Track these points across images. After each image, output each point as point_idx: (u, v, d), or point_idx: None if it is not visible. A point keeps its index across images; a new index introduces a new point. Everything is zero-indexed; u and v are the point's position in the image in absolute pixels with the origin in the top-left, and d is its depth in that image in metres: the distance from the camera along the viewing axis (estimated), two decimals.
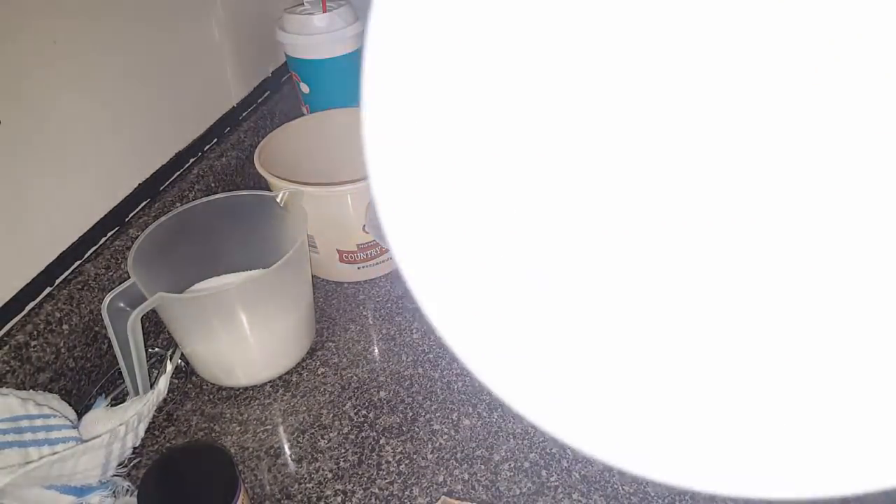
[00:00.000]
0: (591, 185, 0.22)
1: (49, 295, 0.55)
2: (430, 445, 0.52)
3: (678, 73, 0.21)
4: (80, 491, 0.47)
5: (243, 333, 0.55)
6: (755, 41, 0.20)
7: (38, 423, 0.48)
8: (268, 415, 0.56)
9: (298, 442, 0.53)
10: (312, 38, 0.76)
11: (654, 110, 0.21)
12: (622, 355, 0.23)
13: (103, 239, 0.61)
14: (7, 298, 0.52)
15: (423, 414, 0.54)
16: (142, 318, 0.50)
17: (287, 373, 0.59)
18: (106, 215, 0.61)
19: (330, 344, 0.62)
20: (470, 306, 0.23)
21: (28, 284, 0.54)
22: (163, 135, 0.69)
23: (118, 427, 0.48)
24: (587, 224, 0.22)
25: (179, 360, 0.61)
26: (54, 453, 0.44)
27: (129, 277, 0.51)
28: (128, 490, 0.49)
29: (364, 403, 0.56)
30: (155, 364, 0.61)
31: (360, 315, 0.65)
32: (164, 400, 0.57)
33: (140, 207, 0.66)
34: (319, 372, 0.59)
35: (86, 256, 0.59)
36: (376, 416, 0.55)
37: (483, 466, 0.50)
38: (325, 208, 0.63)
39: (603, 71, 0.21)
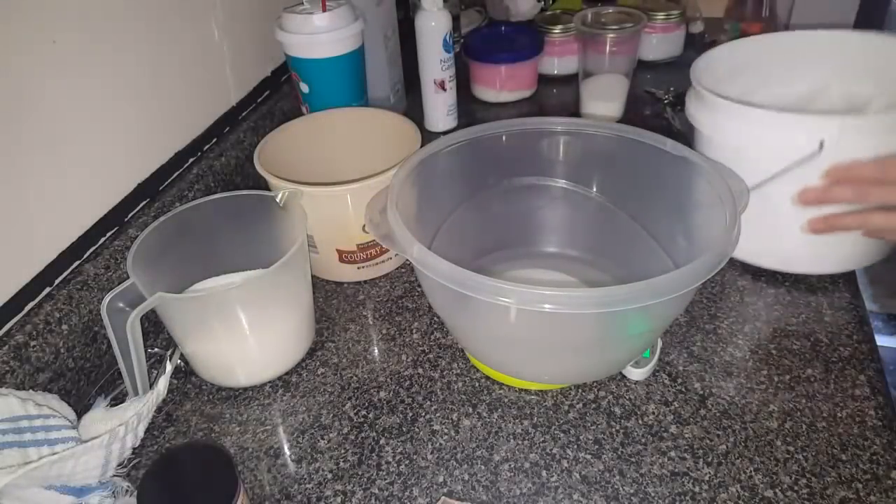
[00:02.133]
0: None
1: (48, 295, 0.55)
2: (430, 446, 0.52)
3: None
4: (80, 491, 0.47)
5: (243, 333, 0.55)
6: None
7: (38, 423, 0.48)
8: (267, 415, 0.55)
9: (298, 442, 0.53)
10: (312, 38, 0.76)
11: None
12: None
13: (103, 239, 0.61)
14: (6, 298, 0.52)
15: (423, 414, 0.54)
16: (141, 318, 0.50)
17: (287, 373, 0.59)
18: (105, 215, 0.61)
19: (330, 344, 0.62)
20: None
21: (27, 284, 0.54)
22: (162, 134, 0.69)
23: (117, 427, 0.47)
24: None
25: (179, 361, 0.61)
26: (54, 454, 0.44)
27: (128, 277, 0.51)
28: (127, 490, 0.49)
29: (364, 403, 0.56)
30: (154, 364, 0.61)
31: (360, 315, 0.65)
32: (164, 400, 0.57)
33: (139, 207, 0.65)
34: (319, 372, 0.59)
35: (85, 256, 0.59)
36: (376, 416, 0.55)
37: (483, 467, 0.50)
38: (325, 208, 0.63)
39: None
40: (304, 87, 0.81)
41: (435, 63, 0.87)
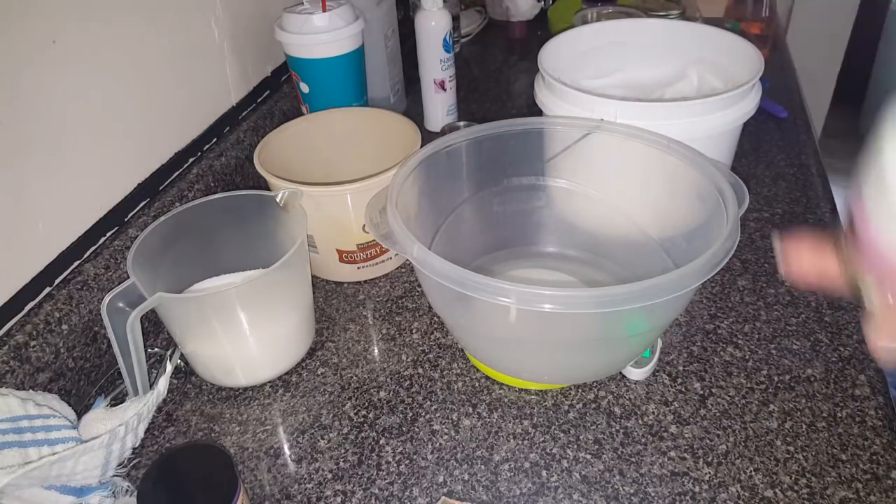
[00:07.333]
0: None
1: (48, 295, 0.55)
2: (430, 445, 0.52)
3: None
4: (80, 491, 0.47)
5: (243, 333, 0.55)
6: None
7: (38, 423, 0.48)
8: (267, 415, 0.55)
9: (298, 442, 0.53)
10: (312, 38, 0.76)
11: None
12: None
13: (103, 239, 0.61)
14: (6, 298, 0.52)
15: (423, 414, 0.54)
16: (142, 318, 0.50)
17: (287, 373, 0.59)
18: (105, 215, 0.61)
19: (330, 344, 0.62)
20: None
21: (27, 284, 0.54)
22: (162, 134, 0.69)
23: (118, 427, 0.47)
24: None
25: (179, 360, 0.61)
26: (54, 453, 0.44)
27: (128, 277, 0.51)
28: (127, 490, 0.49)
29: (364, 403, 0.56)
30: (154, 364, 0.61)
31: (360, 315, 0.65)
32: (164, 400, 0.57)
33: (139, 207, 0.65)
34: (319, 372, 0.59)
35: (85, 256, 0.59)
36: (376, 416, 0.55)
37: (483, 467, 0.50)
38: (325, 208, 0.63)
39: None
40: (304, 87, 0.81)
41: (435, 63, 0.87)
